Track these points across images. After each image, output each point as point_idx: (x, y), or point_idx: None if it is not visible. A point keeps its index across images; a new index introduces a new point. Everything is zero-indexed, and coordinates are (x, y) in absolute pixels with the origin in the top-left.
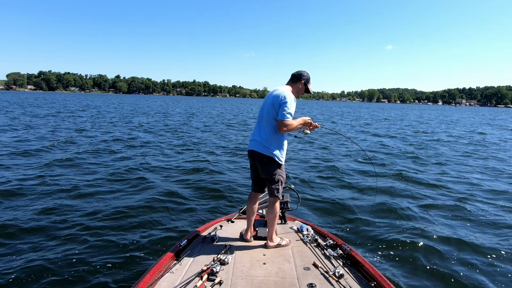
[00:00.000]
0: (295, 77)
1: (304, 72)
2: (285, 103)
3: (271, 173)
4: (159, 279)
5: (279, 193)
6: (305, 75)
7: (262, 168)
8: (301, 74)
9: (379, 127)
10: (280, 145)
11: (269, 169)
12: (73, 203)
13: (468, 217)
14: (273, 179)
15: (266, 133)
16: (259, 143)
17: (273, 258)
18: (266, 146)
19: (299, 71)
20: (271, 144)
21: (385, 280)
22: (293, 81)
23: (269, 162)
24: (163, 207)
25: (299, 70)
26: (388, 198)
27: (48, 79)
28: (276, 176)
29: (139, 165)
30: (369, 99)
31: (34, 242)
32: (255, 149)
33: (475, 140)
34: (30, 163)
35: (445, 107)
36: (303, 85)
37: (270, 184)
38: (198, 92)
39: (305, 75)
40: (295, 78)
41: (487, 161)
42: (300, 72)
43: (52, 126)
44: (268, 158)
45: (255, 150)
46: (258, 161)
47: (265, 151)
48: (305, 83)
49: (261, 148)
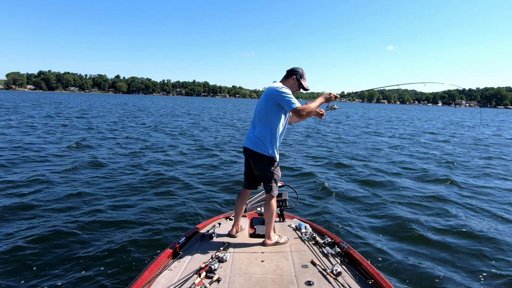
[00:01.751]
0: (287, 72)
1: (298, 68)
2: (281, 93)
3: (264, 171)
4: (157, 276)
5: (274, 190)
6: (298, 71)
7: (256, 166)
8: (293, 70)
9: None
10: (273, 142)
11: (263, 166)
12: (72, 199)
13: (467, 217)
14: (267, 177)
15: (259, 131)
16: (253, 141)
17: (271, 255)
18: (259, 143)
19: (292, 67)
20: (264, 141)
21: (383, 278)
22: (285, 77)
23: (262, 160)
24: (161, 205)
25: (293, 67)
26: (388, 197)
27: (47, 79)
28: (270, 174)
29: (137, 162)
30: (369, 100)
31: (26, 231)
32: (248, 146)
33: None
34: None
35: (445, 108)
36: (295, 81)
37: (265, 182)
38: (197, 92)
39: (298, 70)
40: (287, 74)
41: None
42: (293, 68)
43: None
44: (261, 155)
45: (249, 147)
46: (252, 159)
47: (258, 148)
48: (297, 79)
49: (254, 145)
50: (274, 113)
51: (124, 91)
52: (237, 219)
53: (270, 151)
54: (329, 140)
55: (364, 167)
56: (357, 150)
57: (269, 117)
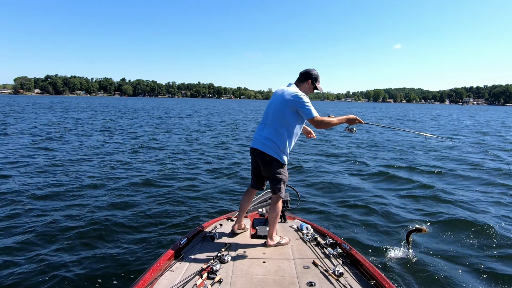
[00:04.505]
0: (302, 76)
1: (313, 70)
2: (302, 102)
3: (273, 172)
4: (159, 277)
5: (281, 192)
6: (313, 74)
7: (264, 167)
8: (308, 73)
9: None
10: (284, 145)
11: (271, 168)
12: (72, 198)
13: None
14: (276, 178)
15: (271, 132)
16: (262, 142)
17: (273, 256)
18: (269, 145)
19: (307, 70)
20: (275, 143)
21: (385, 279)
22: (299, 80)
23: (272, 162)
24: (163, 206)
25: (307, 68)
26: (388, 197)
27: (54, 82)
28: (278, 175)
29: (137, 164)
30: (375, 99)
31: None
32: (258, 147)
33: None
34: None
35: (452, 106)
36: (310, 84)
37: (273, 183)
38: (202, 94)
39: (313, 73)
40: (302, 77)
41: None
42: (307, 70)
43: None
44: (271, 157)
45: (258, 148)
46: (260, 160)
47: (268, 150)
48: (313, 82)
49: (264, 147)
50: (291, 118)
51: (130, 93)
52: (240, 216)
53: (281, 154)
54: (335, 139)
55: (366, 167)
56: (361, 150)
57: (285, 121)
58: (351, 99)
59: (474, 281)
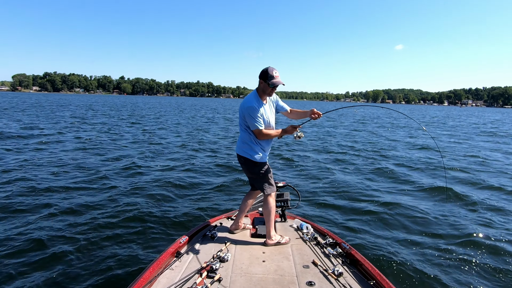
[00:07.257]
0: (259, 77)
1: (264, 69)
2: (248, 113)
3: (250, 172)
4: (158, 275)
5: (266, 189)
6: (263, 72)
7: (243, 168)
8: (260, 73)
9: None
10: (252, 143)
11: (248, 168)
12: (75, 199)
13: (464, 216)
14: (255, 177)
15: (240, 134)
16: (238, 145)
17: (273, 255)
18: (241, 146)
19: (261, 70)
20: (246, 143)
21: (384, 279)
22: (259, 82)
23: (245, 162)
24: (163, 205)
25: (263, 69)
26: (388, 197)
27: (53, 80)
28: (256, 174)
29: (137, 164)
30: (374, 100)
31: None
32: (236, 151)
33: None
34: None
35: (452, 108)
36: (264, 83)
37: (255, 182)
38: (201, 93)
39: (263, 71)
40: (259, 79)
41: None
42: (261, 71)
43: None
44: (244, 158)
45: (236, 152)
46: (239, 162)
47: (241, 151)
48: (264, 80)
49: (238, 149)
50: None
51: (129, 92)
52: (239, 216)
53: (252, 153)
54: (334, 138)
55: (366, 166)
56: (353, 149)
57: (246, 124)
58: (350, 100)
59: (474, 281)
